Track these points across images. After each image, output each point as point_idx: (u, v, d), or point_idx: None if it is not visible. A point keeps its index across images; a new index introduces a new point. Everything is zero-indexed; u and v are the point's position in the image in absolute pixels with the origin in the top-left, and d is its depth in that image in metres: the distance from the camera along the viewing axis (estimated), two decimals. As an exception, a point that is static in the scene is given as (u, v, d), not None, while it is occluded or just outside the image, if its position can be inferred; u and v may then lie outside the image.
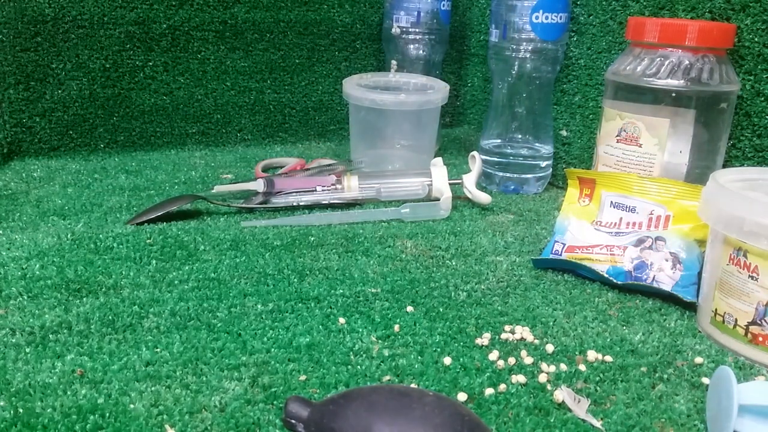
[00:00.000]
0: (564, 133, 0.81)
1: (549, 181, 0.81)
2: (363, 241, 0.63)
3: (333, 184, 0.72)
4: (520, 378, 0.42)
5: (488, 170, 0.79)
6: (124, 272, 0.54)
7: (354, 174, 0.73)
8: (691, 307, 0.51)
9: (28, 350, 0.43)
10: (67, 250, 0.58)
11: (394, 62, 0.92)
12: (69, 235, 0.60)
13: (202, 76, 0.91)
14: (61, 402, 0.38)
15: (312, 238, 0.63)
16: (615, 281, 0.54)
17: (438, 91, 0.80)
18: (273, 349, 0.44)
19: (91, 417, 0.37)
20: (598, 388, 0.42)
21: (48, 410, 0.37)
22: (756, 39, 0.59)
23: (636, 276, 0.54)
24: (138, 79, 0.88)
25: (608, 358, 0.45)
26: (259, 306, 0.50)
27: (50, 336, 0.44)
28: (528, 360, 0.44)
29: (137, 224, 0.64)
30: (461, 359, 0.44)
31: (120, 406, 0.38)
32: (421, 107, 0.78)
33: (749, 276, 0.44)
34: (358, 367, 0.43)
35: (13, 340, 0.44)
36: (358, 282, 0.54)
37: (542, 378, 0.42)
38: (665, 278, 0.53)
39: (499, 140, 0.80)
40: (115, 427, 0.36)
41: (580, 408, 0.39)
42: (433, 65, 0.93)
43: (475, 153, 0.72)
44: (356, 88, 0.78)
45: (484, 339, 0.46)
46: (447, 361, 0.44)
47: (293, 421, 0.34)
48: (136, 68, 0.87)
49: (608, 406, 0.40)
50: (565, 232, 0.61)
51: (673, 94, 0.59)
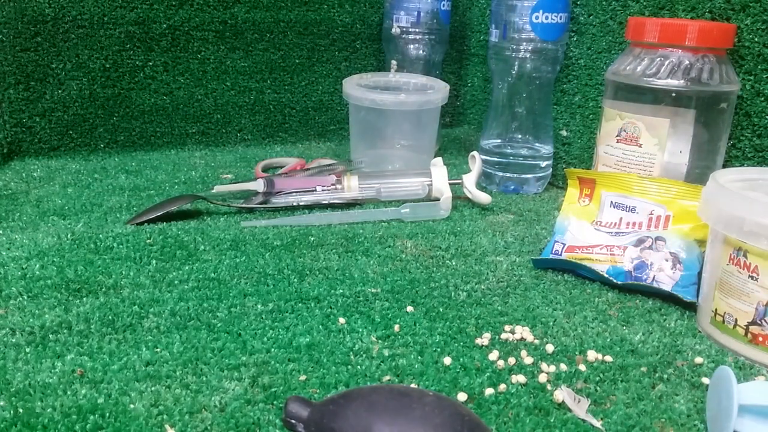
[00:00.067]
0: (564, 133, 0.81)
1: (549, 181, 0.81)
2: (363, 241, 0.63)
3: (333, 184, 0.72)
4: (520, 378, 0.42)
5: (488, 170, 0.79)
6: (124, 272, 0.54)
7: (354, 174, 0.73)
8: (691, 307, 0.51)
9: (28, 350, 0.43)
10: (67, 250, 0.58)
11: (394, 62, 0.92)
12: (69, 235, 0.60)
13: (202, 76, 0.91)
14: (61, 402, 0.38)
15: (312, 238, 0.63)
16: (615, 281, 0.54)
17: (438, 91, 0.80)
18: (273, 349, 0.44)
19: (91, 417, 0.37)
20: (598, 388, 0.42)
21: (48, 410, 0.37)
22: (756, 39, 0.59)
23: (636, 276, 0.54)
24: (138, 79, 0.88)
25: (608, 358, 0.45)
26: (259, 306, 0.50)
27: (50, 336, 0.44)
28: (528, 360, 0.44)
29: (137, 224, 0.64)
30: (461, 359, 0.44)
31: (120, 406, 0.38)
32: (421, 107, 0.78)
33: (749, 276, 0.44)
34: (358, 367, 0.43)
35: (13, 340, 0.44)
36: (358, 282, 0.54)
37: (542, 378, 0.42)
38: (665, 278, 0.53)
39: (499, 140, 0.80)
40: (115, 427, 0.36)
41: (580, 408, 0.39)
42: (433, 65, 0.93)
43: (475, 153, 0.72)
44: (356, 88, 0.78)
45: (484, 339, 0.46)
46: (447, 361, 0.44)
47: (293, 421, 0.34)
48: (136, 68, 0.87)
49: (608, 406, 0.40)
50: (565, 232, 0.61)
51: (673, 94, 0.59)
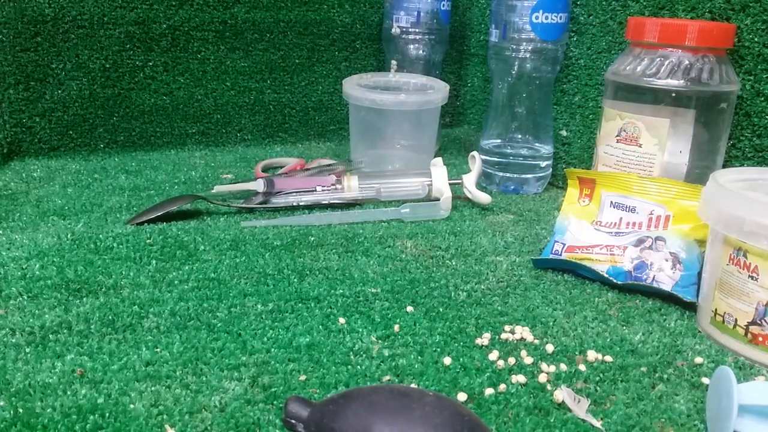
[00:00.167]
0: (564, 133, 0.81)
1: (549, 181, 0.81)
2: (363, 241, 0.63)
3: (333, 184, 0.72)
4: (520, 378, 0.42)
5: (488, 170, 0.79)
6: (124, 272, 0.54)
7: (354, 174, 0.73)
8: (691, 307, 0.51)
9: (28, 350, 0.43)
10: (67, 250, 0.58)
11: (394, 62, 0.92)
12: (69, 235, 0.60)
13: (202, 76, 0.91)
14: (61, 402, 0.38)
15: (312, 238, 0.63)
16: (615, 281, 0.54)
17: (438, 91, 0.80)
18: (273, 349, 0.44)
19: (91, 417, 0.37)
20: (598, 388, 0.42)
21: (48, 410, 0.37)
22: (756, 39, 0.59)
23: (636, 276, 0.54)
24: (138, 79, 0.88)
25: (608, 358, 0.45)
26: (259, 306, 0.50)
27: (50, 336, 0.44)
28: (528, 360, 0.44)
29: (137, 224, 0.64)
30: (461, 359, 0.44)
31: (120, 406, 0.38)
32: (421, 107, 0.78)
33: (749, 276, 0.44)
34: (358, 367, 0.43)
35: (13, 340, 0.44)
36: (358, 282, 0.54)
37: (542, 378, 0.42)
38: (665, 278, 0.53)
39: (499, 140, 0.80)
40: (115, 427, 0.36)
41: (580, 408, 0.39)
42: (433, 65, 0.93)
43: (475, 153, 0.72)
44: (356, 88, 0.78)
45: (484, 339, 0.46)
46: (447, 361, 0.44)
47: (293, 421, 0.34)
48: (136, 68, 0.87)
49: (608, 406, 0.40)
50: (565, 232, 0.61)
51: (673, 94, 0.59)
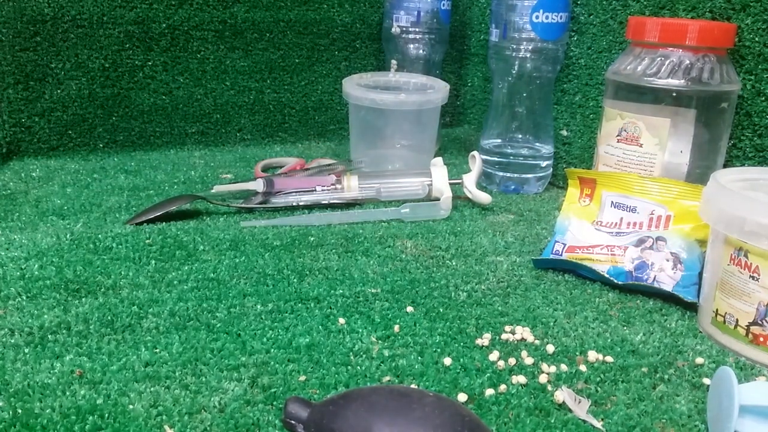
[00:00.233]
0: (564, 132, 0.81)
1: (549, 181, 0.81)
2: (363, 241, 0.62)
3: (333, 184, 0.72)
4: (521, 378, 0.42)
5: (488, 170, 0.79)
6: (123, 272, 0.54)
7: (354, 174, 0.73)
8: (691, 308, 0.51)
9: (27, 351, 0.43)
10: (66, 250, 0.57)
11: (394, 62, 0.92)
12: (68, 235, 0.60)
13: (202, 76, 0.91)
14: (60, 402, 0.38)
15: (312, 238, 0.63)
16: (616, 281, 0.54)
17: (438, 90, 0.80)
18: (273, 350, 0.44)
19: (90, 417, 0.36)
20: (599, 389, 0.42)
21: (47, 411, 0.37)
22: (756, 38, 0.59)
23: (637, 276, 0.54)
24: (137, 78, 0.88)
25: (609, 359, 0.45)
26: (259, 306, 0.50)
27: (49, 336, 0.44)
28: (528, 360, 0.44)
29: (136, 224, 0.64)
30: (461, 360, 0.44)
31: (119, 407, 0.38)
32: (421, 107, 0.78)
33: (750, 276, 0.44)
34: (358, 367, 0.42)
35: (12, 341, 0.44)
36: (358, 282, 0.54)
37: (543, 378, 0.42)
38: (666, 278, 0.53)
39: (500, 140, 0.80)
40: (114, 427, 0.36)
41: (581, 408, 0.39)
42: (433, 65, 0.93)
43: (475, 153, 0.72)
44: (356, 87, 0.78)
45: (485, 339, 0.46)
46: (447, 361, 0.43)
47: (293, 421, 0.34)
48: (135, 68, 0.87)
49: (609, 407, 0.40)
50: (565, 232, 0.61)
51: (674, 94, 0.59)
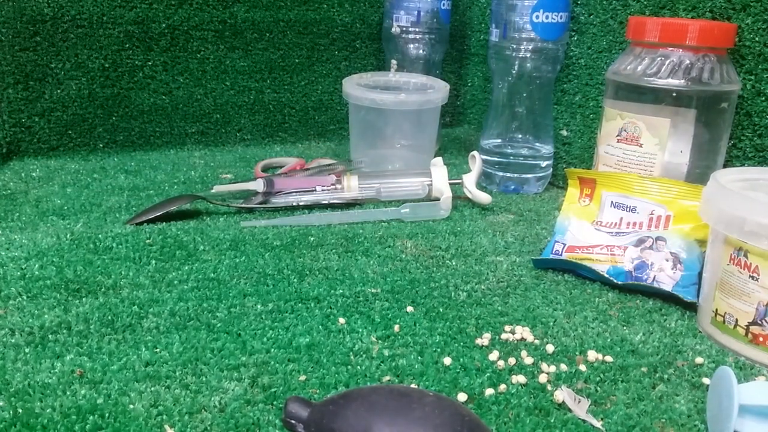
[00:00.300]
0: (564, 132, 0.81)
1: (549, 181, 0.81)
2: (363, 241, 0.62)
3: (333, 184, 0.72)
4: (521, 378, 0.42)
5: (488, 170, 0.79)
6: (123, 272, 0.54)
7: (354, 174, 0.73)
8: (691, 308, 0.51)
9: (27, 350, 0.43)
10: (66, 250, 0.58)
11: (394, 62, 0.92)
12: (68, 235, 0.60)
13: (202, 76, 0.91)
14: (60, 402, 0.38)
15: (312, 238, 0.63)
16: (615, 281, 0.54)
17: (438, 90, 0.80)
18: (273, 350, 0.44)
19: (91, 417, 0.36)
20: (599, 389, 0.42)
21: (47, 410, 0.37)
22: (757, 38, 0.59)
23: (636, 276, 0.54)
24: (137, 78, 0.88)
25: (608, 359, 0.45)
26: (259, 306, 0.50)
27: (49, 336, 0.44)
28: (528, 360, 0.44)
29: (136, 224, 0.64)
30: (461, 359, 0.44)
31: (119, 407, 0.38)
32: (421, 107, 0.78)
33: (750, 276, 0.44)
34: (358, 367, 0.43)
35: (13, 341, 0.44)
36: (358, 282, 0.54)
37: (542, 378, 0.42)
38: (666, 278, 0.53)
39: (500, 140, 0.80)
40: (115, 427, 0.36)
41: (581, 408, 0.39)
42: (433, 65, 0.93)
43: (475, 153, 0.72)
44: (356, 87, 0.78)
45: (484, 339, 0.46)
46: (447, 361, 0.43)
47: (293, 421, 0.34)
48: (135, 68, 0.87)
49: (608, 407, 0.40)
50: (565, 232, 0.61)
51: (674, 94, 0.59)
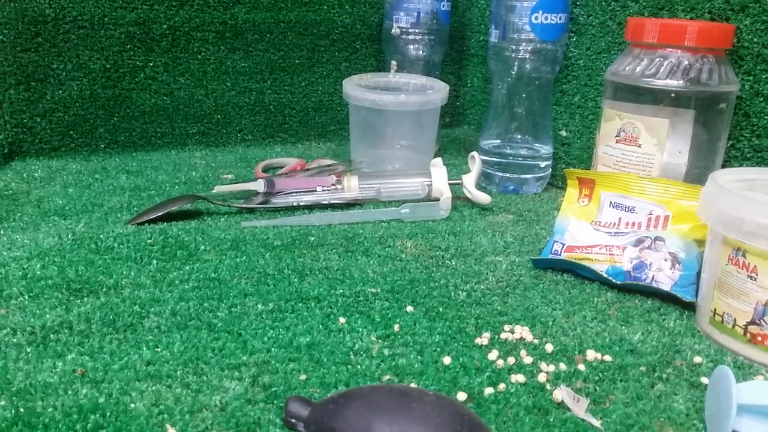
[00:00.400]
0: (563, 133, 0.81)
1: (548, 182, 0.81)
2: (363, 241, 0.63)
3: (333, 185, 0.72)
4: (520, 377, 0.42)
5: (488, 170, 0.79)
6: (124, 272, 0.54)
7: (354, 174, 0.73)
8: (690, 307, 0.51)
9: (29, 350, 0.43)
10: (67, 250, 0.58)
11: (394, 63, 0.92)
12: (70, 235, 0.61)
13: (203, 77, 0.91)
14: (62, 401, 0.38)
15: (312, 238, 0.63)
16: (614, 281, 0.54)
17: (438, 91, 0.80)
18: (273, 349, 0.44)
19: (92, 416, 0.37)
20: (598, 388, 0.42)
21: (49, 410, 0.37)
22: (755, 39, 0.59)
23: (635, 276, 0.54)
24: (138, 79, 0.88)
25: (607, 358, 0.45)
26: (260, 306, 0.50)
27: (51, 336, 0.45)
28: (527, 359, 0.44)
29: (138, 224, 0.64)
30: (461, 359, 0.44)
31: (121, 406, 0.38)
32: (420, 107, 0.78)
33: (748, 276, 0.44)
34: (358, 366, 0.43)
35: (14, 340, 0.44)
36: (358, 282, 0.54)
37: (541, 377, 0.42)
38: (664, 278, 0.53)
39: (499, 140, 0.80)
40: (116, 426, 0.36)
41: (580, 407, 0.40)
42: (432, 66, 0.93)
43: (474, 153, 0.73)
44: (356, 88, 0.79)
45: (484, 339, 0.46)
46: (447, 360, 0.44)
47: (293, 420, 0.34)
48: (136, 69, 0.87)
49: (607, 406, 0.40)
50: (564, 232, 0.61)
51: (673, 95, 0.59)
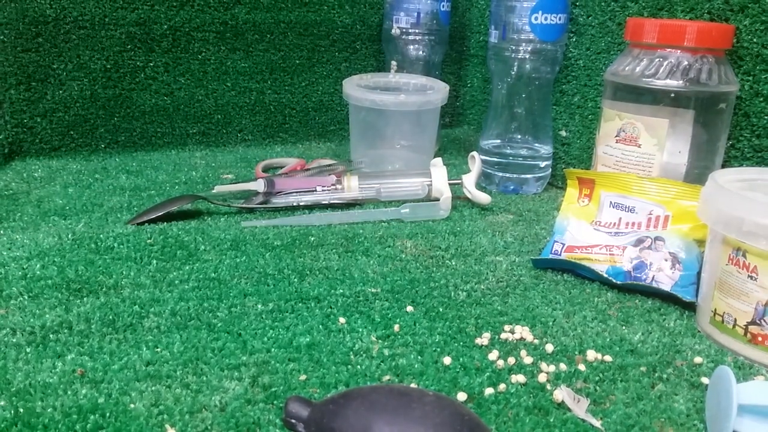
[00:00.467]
0: (563, 133, 0.81)
1: (548, 182, 0.81)
2: (363, 241, 0.63)
3: (333, 184, 0.72)
4: (520, 378, 0.42)
5: (488, 170, 0.79)
6: (124, 272, 0.54)
7: (354, 174, 0.73)
8: (690, 307, 0.51)
9: (28, 350, 0.43)
10: (67, 250, 0.58)
11: (394, 63, 0.92)
12: (70, 235, 0.61)
13: (203, 77, 0.91)
14: (61, 402, 0.38)
15: (312, 238, 0.63)
16: (614, 281, 0.54)
17: (438, 91, 0.80)
18: (273, 349, 0.44)
19: (92, 417, 0.37)
20: (598, 388, 0.42)
21: (48, 410, 0.37)
22: (754, 40, 0.59)
23: (635, 276, 0.54)
24: (139, 79, 0.88)
25: (608, 358, 0.45)
26: (260, 306, 0.50)
27: (51, 336, 0.45)
28: (527, 360, 0.44)
29: (138, 224, 0.64)
30: (461, 359, 0.44)
31: (120, 406, 0.38)
32: (420, 108, 0.78)
33: (748, 276, 0.44)
34: (358, 366, 0.43)
35: (14, 340, 0.44)
36: (358, 282, 0.54)
37: (542, 378, 0.42)
38: (664, 278, 0.53)
39: (499, 140, 0.80)
40: (116, 426, 0.36)
41: (580, 408, 0.40)
42: (432, 66, 0.93)
43: (474, 153, 0.73)
44: (356, 88, 0.79)
45: (484, 339, 0.46)
46: (447, 360, 0.44)
47: (293, 420, 0.34)
48: (137, 69, 0.87)
49: (608, 406, 0.40)
50: (564, 232, 0.61)
51: (672, 95, 0.59)
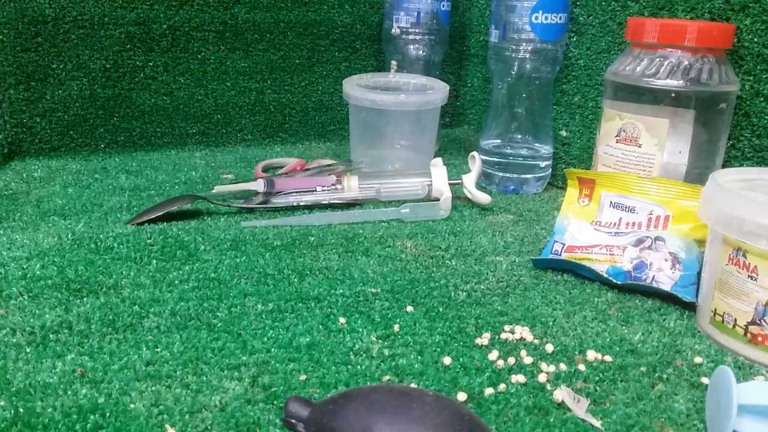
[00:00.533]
0: (563, 133, 0.81)
1: (548, 182, 0.81)
2: (363, 241, 0.63)
3: (333, 184, 0.72)
4: (520, 378, 0.42)
5: (488, 170, 0.79)
6: (124, 272, 0.54)
7: (354, 174, 0.73)
8: (690, 307, 0.51)
9: (28, 350, 0.43)
10: (67, 250, 0.58)
11: (394, 63, 0.92)
12: (69, 235, 0.61)
13: (203, 77, 0.91)
14: (61, 402, 0.38)
15: (312, 238, 0.63)
16: (614, 281, 0.54)
17: (438, 91, 0.80)
18: (273, 349, 0.44)
19: (92, 417, 0.37)
20: (598, 388, 0.42)
21: (48, 410, 0.37)
22: (755, 39, 0.59)
23: (635, 276, 0.54)
24: (138, 79, 0.88)
25: (608, 358, 0.45)
26: (260, 306, 0.50)
27: (51, 336, 0.44)
28: (528, 360, 0.44)
29: (138, 224, 0.64)
30: (461, 359, 0.44)
31: (120, 406, 0.38)
32: (420, 107, 0.78)
33: (748, 276, 0.44)
34: (358, 366, 0.43)
35: (14, 340, 0.44)
36: (358, 282, 0.54)
37: (542, 378, 0.42)
38: (665, 278, 0.53)
39: (499, 140, 0.80)
40: (116, 426, 0.36)
41: (580, 408, 0.40)
42: (432, 65, 0.93)
43: (474, 153, 0.73)
44: (356, 88, 0.79)
45: (484, 339, 0.46)
46: (447, 360, 0.44)
47: (293, 420, 0.34)
48: (136, 68, 0.87)
49: (608, 406, 0.40)
50: (564, 232, 0.61)
51: (673, 95, 0.59)
